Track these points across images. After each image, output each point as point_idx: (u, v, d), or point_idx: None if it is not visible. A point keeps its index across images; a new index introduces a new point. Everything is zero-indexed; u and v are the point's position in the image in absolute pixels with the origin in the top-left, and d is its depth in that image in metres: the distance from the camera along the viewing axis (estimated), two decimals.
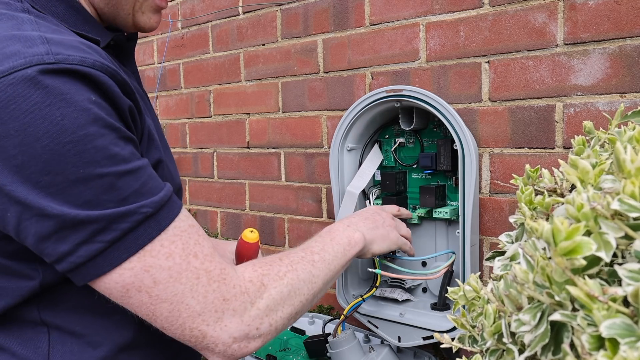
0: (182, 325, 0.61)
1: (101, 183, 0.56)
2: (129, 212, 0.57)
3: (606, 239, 0.33)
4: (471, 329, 0.47)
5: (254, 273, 0.67)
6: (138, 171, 0.59)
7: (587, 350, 0.31)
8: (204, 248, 0.63)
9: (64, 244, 0.56)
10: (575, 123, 0.97)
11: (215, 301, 0.62)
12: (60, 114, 0.54)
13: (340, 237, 0.83)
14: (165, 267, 0.59)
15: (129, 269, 0.58)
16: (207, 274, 0.62)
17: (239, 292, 0.64)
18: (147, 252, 0.58)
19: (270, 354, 1.16)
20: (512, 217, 0.51)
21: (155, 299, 0.59)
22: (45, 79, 0.54)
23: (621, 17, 0.91)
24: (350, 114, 1.10)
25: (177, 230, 0.61)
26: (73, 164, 0.54)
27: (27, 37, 0.57)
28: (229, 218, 1.63)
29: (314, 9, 1.33)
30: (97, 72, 0.57)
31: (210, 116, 1.63)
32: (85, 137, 0.55)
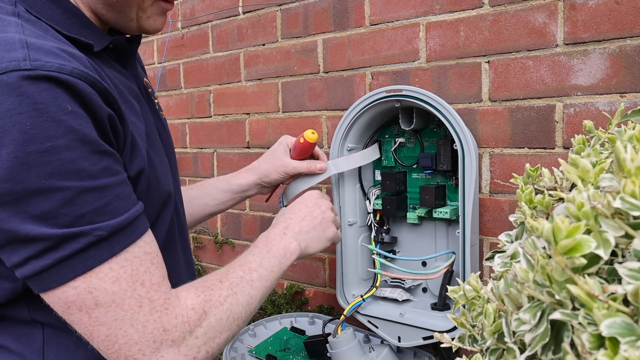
0: (118, 352, 0.61)
1: (61, 196, 0.55)
2: (82, 233, 0.56)
3: (605, 237, 0.33)
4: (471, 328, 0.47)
5: (197, 299, 0.67)
6: (104, 189, 0.58)
7: (588, 349, 0.31)
8: (153, 277, 0.62)
9: (15, 256, 0.56)
10: (575, 123, 0.97)
11: (155, 331, 0.61)
12: (30, 123, 0.53)
13: (277, 249, 0.83)
14: (109, 291, 0.59)
15: (73, 287, 0.57)
16: (151, 303, 0.61)
17: (180, 322, 0.64)
18: (94, 273, 0.58)
19: (270, 354, 1.16)
20: (512, 216, 0.51)
21: (94, 321, 0.59)
22: (21, 86, 0.53)
23: (621, 17, 0.91)
24: (350, 114, 1.10)
25: (129, 256, 0.60)
26: (35, 174, 0.53)
27: (7, 41, 0.56)
28: (229, 218, 1.63)
29: (314, 9, 1.33)
30: (75, 80, 0.56)
31: (210, 116, 1.63)
32: (52, 149, 0.54)
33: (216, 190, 1.08)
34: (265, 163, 1.07)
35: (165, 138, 0.84)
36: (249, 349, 1.18)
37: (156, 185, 0.71)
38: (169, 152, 0.85)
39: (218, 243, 1.66)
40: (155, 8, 0.73)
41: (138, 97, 0.76)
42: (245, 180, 1.08)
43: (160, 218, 0.75)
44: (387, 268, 1.10)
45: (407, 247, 1.16)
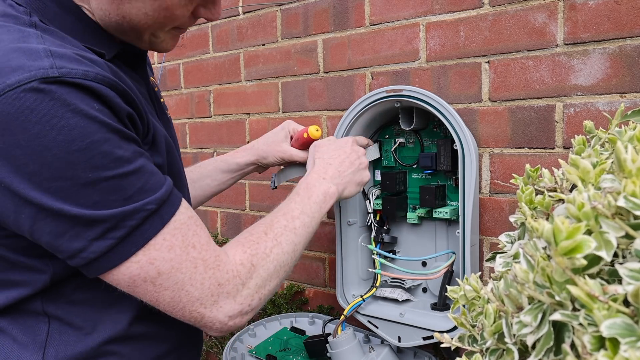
0: (183, 309, 0.68)
1: (107, 185, 0.60)
2: (135, 210, 0.62)
3: (607, 238, 0.33)
4: (471, 328, 0.47)
5: (244, 255, 0.74)
6: (140, 170, 0.64)
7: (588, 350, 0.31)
8: (201, 238, 0.69)
9: (77, 241, 0.61)
10: (575, 123, 0.97)
11: (211, 287, 0.68)
12: (67, 124, 0.57)
13: (317, 194, 0.88)
14: (167, 258, 0.65)
15: (135, 262, 0.63)
16: (204, 262, 0.68)
17: (231, 276, 0.71)
18: (152, 245, 0.64)
19: (270, 354, 1.16)
20: (513, 217, 0.51)
21: (158, 288, 0.65)
22: (51, 91, 0.57)
23: (621, 17, 0.91)
24: (350, 114, 1.10)
25: (177, 224, 0.66)
26: (81, 170, 0.58)
27: (32, 50, 0.59)
28: (229, 218, 1.63)
29: (314, 9, 1.33)
30: (98, 85, 0.60)
31: (210, 116, 1.63)
32: (92, 144, 0.59)
33: (216, 171, 1.12)
34: (264, 145, 1.10)
35: (173, 137, 0.87)
36: (249, 349, 1.18)
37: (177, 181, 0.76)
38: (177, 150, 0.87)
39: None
40: (169, 34, 0.76)
41: (148, 102, 0.79)
42: (244, 159, 1.11)
43: None
44: (387, 268, 1.10)
45: (407, 247, 1.16)
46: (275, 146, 1.08)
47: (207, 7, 0.75)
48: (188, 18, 0.74)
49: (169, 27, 0.73)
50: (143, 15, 0.69)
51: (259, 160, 1.10)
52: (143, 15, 0.69)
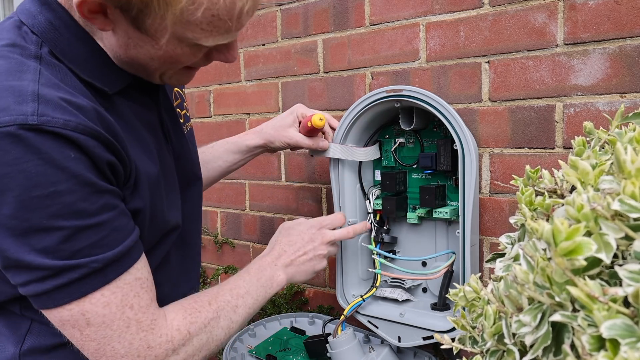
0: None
1: (61, 234, 0.61)
2: (78, 265, 0.63)
3: (606, 240, 0.33)
4: (471, 329, 0.47)
5: (183, 321, 0.74)
6: (101, 225, 0.64)
7: (588, 351, 0.31)
8: (141, 300, 0.69)
9: (19, 277, 0.63)
10: (575, 123, 0.97)
11: (140, 348, 0.69)
12: (35, 171, 0.59)
13: (266, 278, 0.90)
14: (100, 314, 0.66)
15: (67, 309, 0.65)
16: (138, 323, 0.68)
17: (164, 340, 0.71)
18: (87, 299, 0.65)
19: (270, 354, 1.16)
20: (513, 218, 0.51)
21: (85, 337, 0.66)
22: (26, 138, 0.59)
23: (621, 17, 0.91)
24: (350, 114, 1.10)
25: (120, 283, 0.67)
26: (39, 215, 0.60)
27: (21, 92, 0.61)
28: (229, 218, 1.63)
29: (314, 9, 1.33)
30: (77, 135, 0.61)
31: (210, 116, 1.63)
32: (54, 194, 0.60)
33: (227, 152, 1.16)
34: (272, 130, 1.12)
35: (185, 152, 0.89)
36: (249, 349, 1.18)
37: (161, 219, 0.78)
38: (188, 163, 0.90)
39: (218, 243, 1.66)
40: (178, 73, 0.76)
41: (154, 129, 0.80)
42: (253, 142, 1.14)
43: (158, 246, 0.81)
44: (387, 268, 1.10)
45: (407, 247, 1.16)
46: (282, 131, 1.10)
47: (221, 52, 0.74)
48: (200, 59, 0.74)
49: (179, 67, 0.74)
50: (150, 60, 0.70)
51: (266, 144, 1.13)
52: (150, 60, 0.70)
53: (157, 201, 0.77)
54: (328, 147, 1.10)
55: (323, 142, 1.09)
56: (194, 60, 0.73)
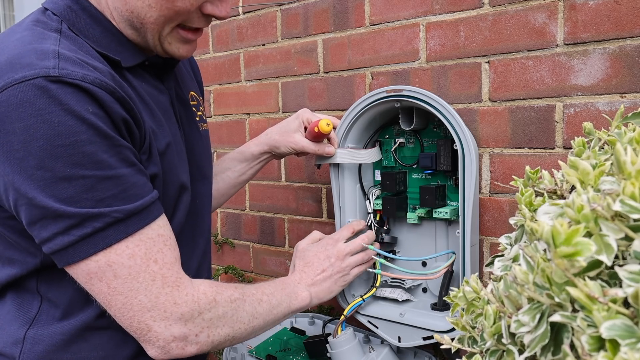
0: (132, 318, 0.70)
1: (83, 183, 0.64)
2: (101, 214, 0.66)
3: (607, 242, 0.33)
4: (471, 329, 0.47)
5: (210, 289, 0.76)
6: (121, 177, 0.67)
7: (587, 351, 0.31)
8: (165, 256, 0.71)
9: (45, 231, 0.66)
10: (575, 123, 0.97)
11: (166, 302, 0.70)
12: (57, 120, 0.63)
13: (290, 290, 0.92)
14: (126, 265, 0.68)
15: (94, 260, 0.67)
16: (163, 278, 0.70)
17: (190, 299, 0.72)
18: (113, 249, 0.67)
19: (270, 354, 1.16)
20: (512, 219, 0.51)
21: (112, 291, 0.68)
22: (49, 89, 0.63)
23: (621, 17, 0.91)
24: (350, 114, 1.10)
25: (143, 237, 0.69)
26: (62, 164, 0.63)
27: (43, 51, 0.66)
28: (229, 218, 1.63)
29: (314, 9, 1.33)
30: (94, 88, 0.65)
31: (210, 116, 1.63)
32: (75, 143, 0.64)
33: (233, 162, 1.15)
34: (277, 135, 1.11)
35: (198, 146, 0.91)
36: (249, 349, 1.18)
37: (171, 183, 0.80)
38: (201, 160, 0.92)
39: (218, 243, 1.66)
40: (175, 35, 0.78)
41: (166, 110, 0.83)
42: (258, 149, 1.13)
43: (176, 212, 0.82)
44: (387, 268, 1.10)
45: (407, 247, 1.16)
46: (287, 137, 1.09)
47: (214, 3, 0.77)
48: (196, 16, 0.77)
49: (175, 22, 0.76)
50: (147, 8, 0.73)
51: (271, 149, 1.12)
52: (147, 8, 0.73)
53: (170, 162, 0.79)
54: (335, 153, 1.09)
55: (329, 148, 1.08)
56: (190, 10, 0.75)
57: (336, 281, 0.99)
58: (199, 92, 1.02)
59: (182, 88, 0.93)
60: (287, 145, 1.09)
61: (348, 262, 1.01)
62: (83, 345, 0.76)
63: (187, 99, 0.93)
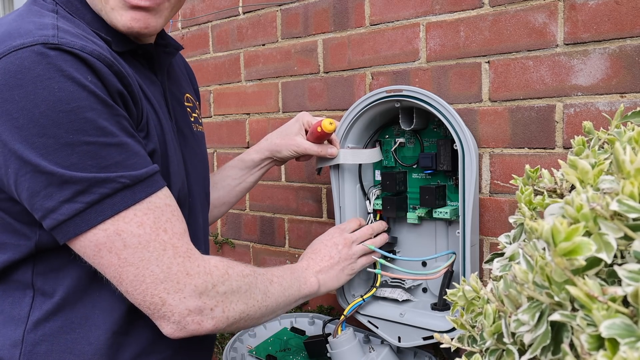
0: (145, 291, 0.67)
1: (87, 149, 0.63)
2: (108, 179, 0.64)
3: (606, 240, 0.33)
4: (471, 328, 0.47)
5: (221, 262, 0.74)
6: (123, 145, 0.66)
7: (587, 350, 0.31)
8: (174, 226, 0.69)
9: (50, 200, 0.63)
10: (575, 123, 0.97)
11: (179, 273, 0.67)
12: (58, 87, 0.62)
13: (299, 275, 0.91)
14: (135, 233, 0.65)
15: (102, 230, 0.64)
16: (174, 248, 0.68)
17: (202, 271, 0.70)
18: (121, 217, 0.65)
19: (270, 354, 1.16)
20: (512, 218, 0.51)
21: (123, 262, 0.65)
22: (48, 55, 0.62)
23: (621, 17, 0.91)
24: (350, 114, 1.10)
25: (151, 205, 0.67)
26: (64, 130, 0.62)
27: (42, 23, 0.66)
28: (229, 218, 1.63)
29: (314, 9, 1.33)
30: (92, 59, 0.65)
31: (210, 116, 1.63)
32: (77, 108, 0.62)
33: (234, 170, 1.14)
34: (278, 139, 1.10)
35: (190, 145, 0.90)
36: (249, 350, 1.18)
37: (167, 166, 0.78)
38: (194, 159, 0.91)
39: (218, 243, 1.66)
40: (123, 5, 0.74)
41: (159, 102, 0.82)
42: (258, 155, 1.12)
43: None
44: (387, 268, 1.10)
45: (407, 247, 1.16)
46: (289, 140, 1.08)
47: None
48: None
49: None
50: None
51: (273, 154, 1.11)
52: None
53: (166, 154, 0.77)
54: (337, 154, 1.08)
55: (332, 149, 1.07)
56: None
57: (343, 269, 0.99)
58: (195, 97, 1.02)
59: (177, 87, 0.92)
60: (289, 149, 1.08)
61: (355, 249, 1.01)
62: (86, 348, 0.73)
63: (181, 98, 0.92)
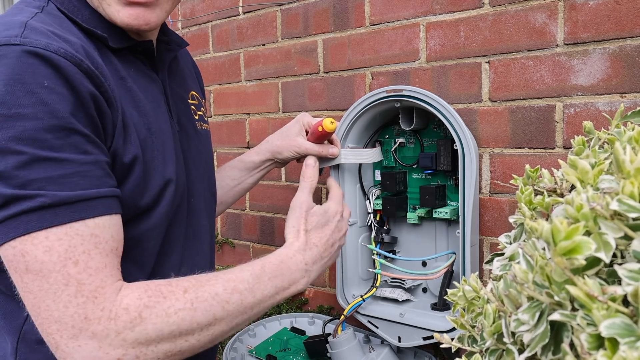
0: (41, 325, 0.61)
1: (17, 159, 0.58)
2: (27, 196, 0.59)
3: (606, 240, 0.33)
4: (471, 328, 0.47)
5: (138, 301, 0.63)
6: (63, 162, 0.61)
7: (587, 350, 0.31)
8: (91, 260, 0.61)
9: None
10: (575, 123, 0.97)
11: (75, 316, 0.60)
12: (4, 90, 0.58)
13: (283, 279, 0.78)
14: (39, 259, 0.59)
15: (11, 247, 0.59)
16: (79, 285, 0.60)
17: (105, 316, 0.61)
18: (30, 238, 0.59)
19: (270, 354, 1.16)
20: (512, 217, 0.51)
21: (24, 286, 0.60)
22: (5, 55, 0.59)
23: (621, 17, 0.91)
24: (351, 114, 1.10)
25: (70, 231, 0.60)
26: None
27: (11, 22, 0.63)
28: (229, 218, 1.63)
29: (314, 9, 1.33)
30: (57, 57, 0.61)
31: (210, 116, 1.63)
32: (17, 115, 0.59)
33: (233, 170, 1.12)
34: (278, 140, 1.09)
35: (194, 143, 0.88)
36: (249, 349, 1.18)
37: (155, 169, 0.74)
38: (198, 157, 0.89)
39: (218, 243, 1.66)
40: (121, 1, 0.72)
41: (156, 99, 0.80)
42: (259, 157, 1.11)
43: (159, 203, 0.75)
44: (387, 268, 1.10)
45: (407, 247, 1.16)
46: (290, 141, 1.07)
47: None
48: None
49: None
50: None
51: (274, 156, 1.09)
52: None
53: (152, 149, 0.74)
54: (339, 154, 1.07)
55: (333, 149, 1.06)
56: None
57: (336, 253, 0.91)
58: (201, 95, 1.00)
59: (181, 85, 0.91)
60: (290, 150, 1.06)
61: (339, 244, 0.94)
62: None
63: (185, 96, 0.90)
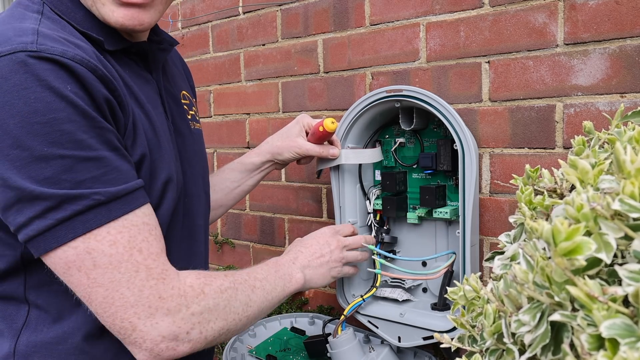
0: (114, 314, 0.64)
1: (61, 163, 0.60)
2: (81, 195, 0.61)
3: (606, 240, 0.33)
4: (471, 328, 0.47)
5: (197, 281, 0.71)
6: (102, 160, 0.63)
7: (587, 350, 0.31)
8: (151, 246, 0.66)
9: (20, 215, 0.61)
10: (576, 123, 0.97)
11: (151, 297, 0.64)
12: (34, 97, 0.59)
13: (284, 272, 0.88)
14: (107, 253, 0.62)
15: (73, 247, 0.62)
16: (148, 270, 0.65)
17: (176, 293, 0.67)
18: (93, 235, 0.62)
19: (270, 354, 1.16)
20: (512, 217, 0.51)
21: (92, 282, 0.63)
22: (26, 64, 0.60)
23: (621, 17, 0.91)
24: (351, 114, 1.10)
25: (127, 223, 0.64)
26: (39, 142, 0.59)
27: (21, 29, 0.63)
28: (229, 218, 1.63)
29: (314, 9, 1.33)
30: (75, 64, 0.62)
31: (210, 116, 1.63)
32: (53, 120, 0.60)
33: (233, 172, 1.12)
34: (279, 141, 1.09)
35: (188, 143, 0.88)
36: (249, 349, 1.18)
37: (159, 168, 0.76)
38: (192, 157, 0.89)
39: (218, 243, 1.66)
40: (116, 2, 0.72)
41: (152, 100, 0.80)
42: (259, 158, 1.11)
43: (162, 203, 0.77)
44: (387, 268, 1.10)
45: (407, 247, 1.16)
46: (290, 141, 1.07)
47: None
48: None
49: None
50: None
51: (274, 157, 1.09)
52: None
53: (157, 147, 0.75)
54: (339, 154, 1.07)
55: (334, 150, 1.06)
56: None
57: (330, 270, 0.96)
58: (191, 94, 1.00)
59: (173, 85, 0.90)
60: (290, 150, 1.06)
61: (345, 254, 0.99)
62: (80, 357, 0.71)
63: (177, 96, 0.90)
